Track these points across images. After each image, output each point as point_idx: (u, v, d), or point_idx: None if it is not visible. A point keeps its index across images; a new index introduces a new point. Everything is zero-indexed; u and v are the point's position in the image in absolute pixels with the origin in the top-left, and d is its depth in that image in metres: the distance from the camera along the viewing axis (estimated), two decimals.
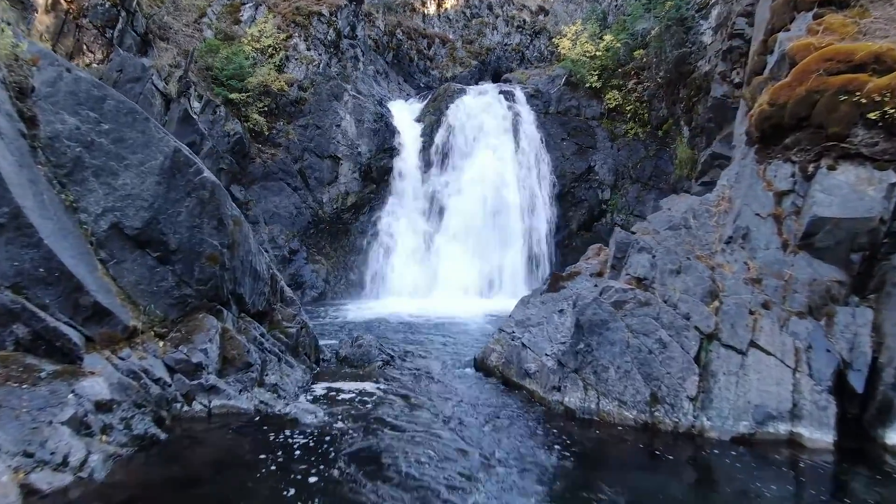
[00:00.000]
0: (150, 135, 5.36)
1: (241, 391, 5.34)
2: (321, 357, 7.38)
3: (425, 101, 19.97)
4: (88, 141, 5.26)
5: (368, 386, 6.12)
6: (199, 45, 16.74)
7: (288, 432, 4.75)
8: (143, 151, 5.33)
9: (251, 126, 16.53)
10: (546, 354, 5.81)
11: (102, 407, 4.25)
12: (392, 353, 7.37)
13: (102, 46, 13.14)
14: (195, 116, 14.82)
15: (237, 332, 5.76)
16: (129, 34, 13.83)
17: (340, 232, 16.50)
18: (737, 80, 13.28)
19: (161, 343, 5.27)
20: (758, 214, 6.07)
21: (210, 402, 5.07)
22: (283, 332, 6.46)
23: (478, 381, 6.38)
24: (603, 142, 17.22)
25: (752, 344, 4.86)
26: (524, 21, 29.69)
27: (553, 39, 21.99)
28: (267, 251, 15.35)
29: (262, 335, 6.12)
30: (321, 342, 8.18)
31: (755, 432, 4.54)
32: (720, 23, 14.97)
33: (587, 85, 17.97)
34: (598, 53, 17.95)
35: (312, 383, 6.28)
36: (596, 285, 6.54)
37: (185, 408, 4.97)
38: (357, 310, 12.77)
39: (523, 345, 6.18)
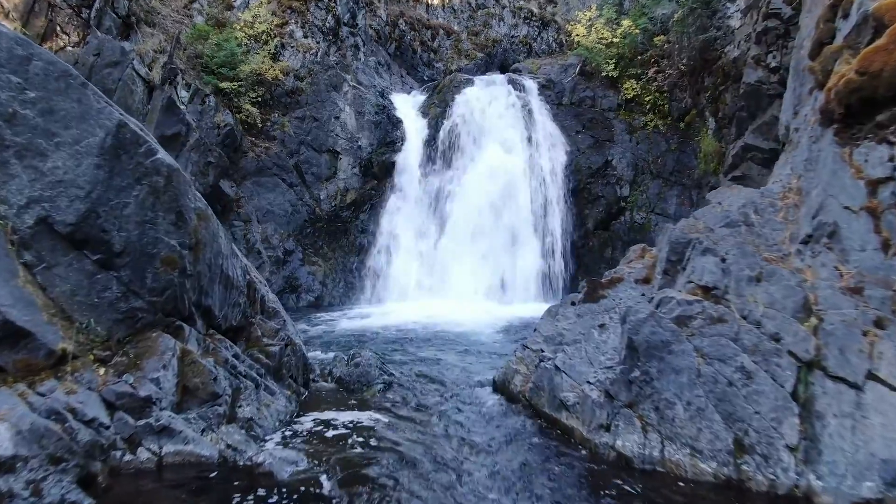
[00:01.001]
0: (88, 105, 4.21)
1: (203, 431, 4.19)
2: (311, 378, 6.25)
3: (429, 93, 18.86)
4: (9, 113, 4.12)
5: (367, 418, 4.98)
6: (189, 30, 15.63)
7: (262, 491, 3.61)
8: (79, 126, 4.19)
9: (243, 117, 15.43)
10: (588, 382, 4.65)
11: (1, 467, 3.11)
12: (395, 374, 6.23)
13: (78, 28, 12.03)
14: (182, 106, 13.70)
15: (202, 354, 4.62)
16: (108, 16, 12.71)
17: (339, 231, 15.37)
18: (773, 63, 12.12)
19: (101, 371, 4.13)
20: (847, 208, 4.91)
21: (161, 447, 3.93)
22: (263, 352, 5.31)
23: (500, 412, 5.22)
24: (621, 134, 16.06)
25: (871, 375, 3.70)
26: (532, 12, 28.51)
27: (567, 26, 20.80)
28: (260, 252, 14.23)
29: (237, 356, 4.98)
30: (313, 356, 7.07)
31: (884, 497, 3.38)
32: (750, 4, 13.80)
33: (603, 74, 16.82)
34: (614, 40, 16.80)
35: (298, 414, 5.14)
36: (643, 294, 5.39)
37: (128, 456, 3.83)
38: (356, 316, 11.64)
39: (557, 368, 5.03)
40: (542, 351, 5.51)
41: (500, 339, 8.83)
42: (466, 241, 14.70)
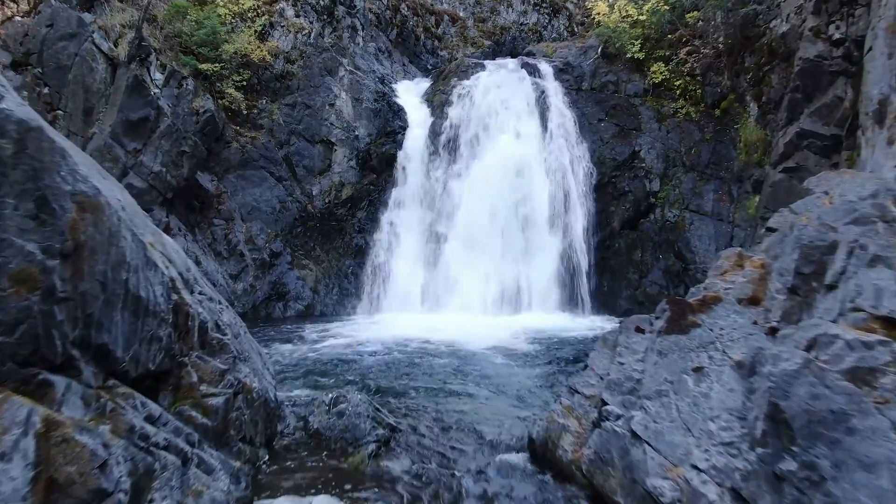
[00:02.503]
0: None
1: None
2: (281, 430, 4.58)
3: (434, 79, 17.22)
4: None
5: None
6: (167, 7, 13.96)
7: None
8: None
9: (226, 103, 13.77)
10: (694, 467, 2.97)
11: None
12: (393, 424, 4.55)
13: None
14: (156, 89, 12.06)
15: (92, 422, 2.95)
16: None
17: (333, 231, 13.72)
18: (837, 35, 10.40)
19: None
20: None
21: None
22: (199, 407, 3.64)
23: (545, 494, 3.54)
24: (649, 123, 14.36)
25: None
26: None
27: (587, 3, 19.09)
28: (243, 254, 12.59)
29: (152, 419, 3.30)
30: (289, 393, 5.42)
31: None
32: None
33: (627, 56, 15.11)
34: (640, 18, 15.09)
35: (249, 501, 3.47)
36: (756, 323, 3.69)
37: None
38: (351, 330, 9.98)
39: (634, 434, 3.35)
40: (605, 402, 3.82)
41: (526, 365, 7.14)
42: (476, 242, 13.04)
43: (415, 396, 5.60)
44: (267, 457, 4.11)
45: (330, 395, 4.72)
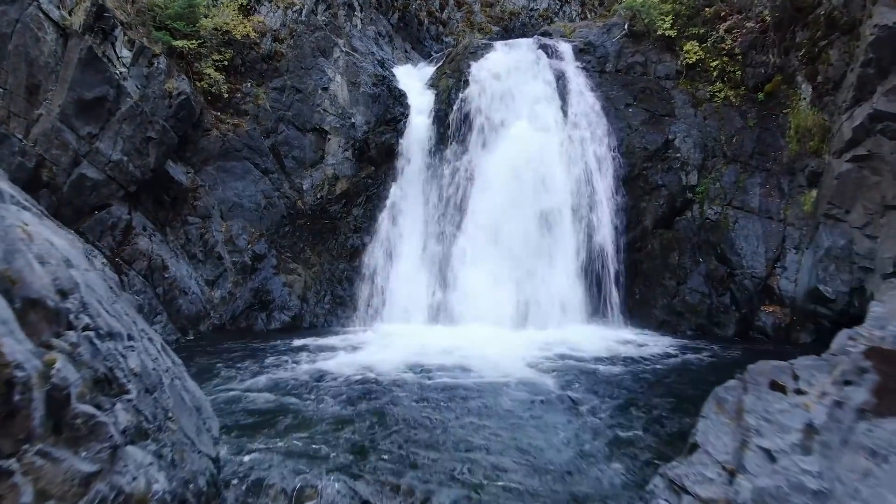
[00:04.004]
0: None
1: None
2: None
3: (439, 63, 15.60)
4: None
5: None
6: None
7: None
8: None
9: (205, 86, 12.15)
10: None
11: None
12: None
13: None
14: (122, 67, 10.45)
15: None
16: None
17: (326, 230, 12.09)
18: None
19: None
20: None
21: None
22: None
23: None
24: (683, 108, 12.70)
25: None
26: None
27: None
28: (221, 257, 10.97)
29: None
30: (242, 447, 3.82)
31: None
32: None
33: (657, 34, 13.45)
34: None
35: None
36: None
37: None
38: (342, 348, 8.34)
39: None
40: None
41: (568, 414, 5.42)
42: (489, 243, 11.43)
43: (421, 471, 3.94)
44: None
45: (292, 485, 3.07)
